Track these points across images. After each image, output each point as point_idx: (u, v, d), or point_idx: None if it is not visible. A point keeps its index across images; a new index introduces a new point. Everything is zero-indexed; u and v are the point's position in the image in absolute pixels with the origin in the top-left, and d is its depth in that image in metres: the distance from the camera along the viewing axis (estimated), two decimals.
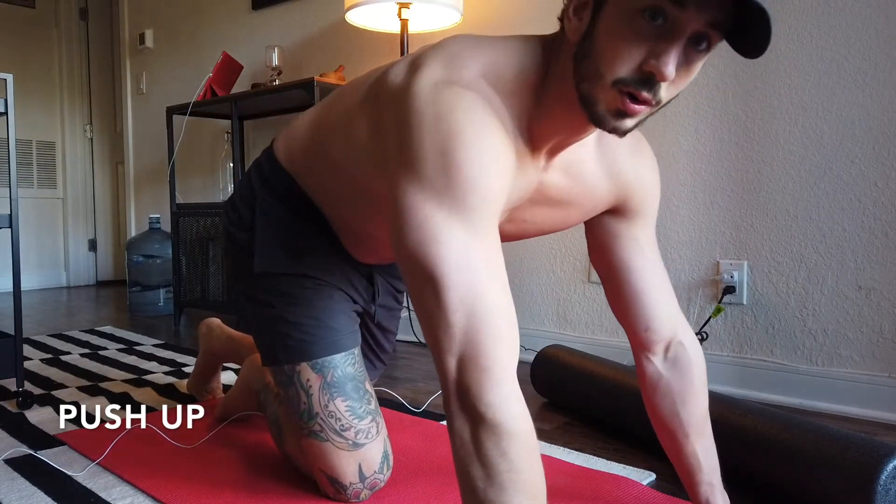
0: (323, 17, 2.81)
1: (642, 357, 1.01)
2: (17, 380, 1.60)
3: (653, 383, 1.00)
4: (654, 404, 1.01)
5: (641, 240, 0.99)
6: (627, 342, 1.97)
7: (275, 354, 1.10)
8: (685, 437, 0.98)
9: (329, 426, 1.06)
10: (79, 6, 4.39)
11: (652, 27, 0.68)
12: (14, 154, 1.60)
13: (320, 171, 1.05)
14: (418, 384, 1.88)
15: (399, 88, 0.80)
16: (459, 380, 0.71)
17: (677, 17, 0.68)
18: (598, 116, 0.74)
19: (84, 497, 1.12)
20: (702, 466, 0.98)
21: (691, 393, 0.99)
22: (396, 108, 0.79)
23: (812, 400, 1.66)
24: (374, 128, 0.87)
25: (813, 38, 1.67)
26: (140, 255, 3.24)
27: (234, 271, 1.19)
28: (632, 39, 0.69)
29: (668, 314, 0.99)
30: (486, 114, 0.75)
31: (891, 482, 0.98)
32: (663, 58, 0.68)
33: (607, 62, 0.71)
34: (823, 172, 1.66)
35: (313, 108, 1.12)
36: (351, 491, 1.06)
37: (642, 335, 0.99)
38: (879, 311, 1.60)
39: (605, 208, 0.98)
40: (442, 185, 0.72)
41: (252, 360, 1.42)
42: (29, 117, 4.18)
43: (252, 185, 1.14)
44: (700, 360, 1.01)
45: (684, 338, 1.00)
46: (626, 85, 0.71)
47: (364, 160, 0.93)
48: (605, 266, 1.01)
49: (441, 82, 0.76)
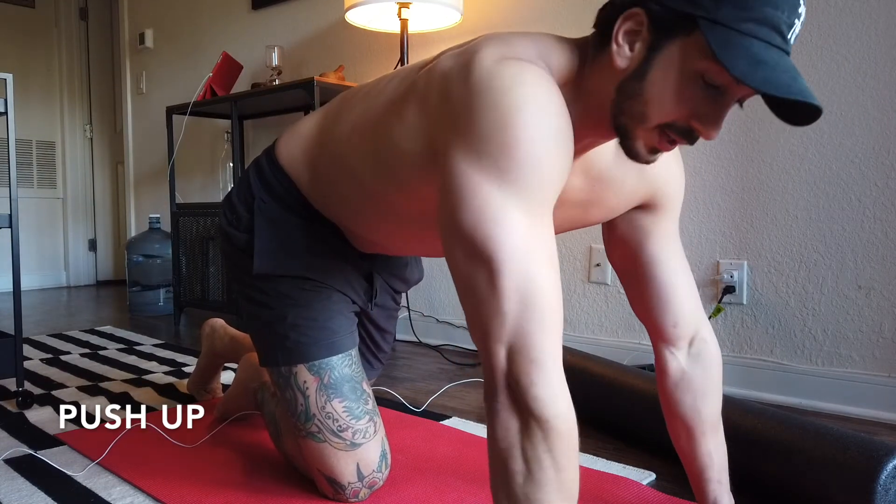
0: (323, 17, 2.81)
1: (666, 352, 0.99)
2: (17, 380, 1.60)
3: (675, 379, 0.98)
4: (675, 400, 0.98)
5: (670, 233, 0.98)
6: (628, 342, 1.98)
7: (273, 356, 1.10)
8: (702, 435, 0.97)
9: (326, 427, 1.06)
10: (79, 6, 4.39)
11: (707, 92, 0.70)
12: (14, 154, 1.60)
13: (328, 177, 1.05)
14: (418, 384, 1.88)
15: (457, 68, 0.76)
16: (509, 370, 0.69)
17: (732, 90, 0.70)
18: (633, 150, 0.76)
19: (84, 497, 1.12)
20: (714, 464, 0.97)
21: (711, 389, 0.98)
22: (455, 87, 0.75)
23: (812, 400, 1.66)
24: (417, 122, 0.83)
25: (813, 38, 1.67)
26: (140, 255, 3.24)
27: (232, 272, 1.19)
28: (687, 98, 0.71)
29: (694, 309, 0.98)
30: (552, 91, 0.73)
31: (891, 482, 0.98)
32: (713, 123, 0.71)
33: (656, 112, 0.72)
34: (823, 172, 1.66)
35: (318, 114, 1.12)
36: (350, 491, 1.06)
37: (670, 330, 0.97)
38: (879, 311, 1.60)
39: (635, 205, 0.96)
40: (504, 164, 0.69)
41: (248, 358, 1.42)
42: (29, 117, 4.18)
43: (251, 186, 1.14)
44: (719, 357, 1.00)
45: (707, 334, 0.99)
46: (670, 130, 0.73)
47: (393, 164, 0.89)
48: (631, 261, 0.98)
49: (504, 58, 0.73)
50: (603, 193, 0.91)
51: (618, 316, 2.02)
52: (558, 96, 0.73)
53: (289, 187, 1.10)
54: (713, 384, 0.98)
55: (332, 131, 1.04)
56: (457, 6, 2.13)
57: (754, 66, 0.65)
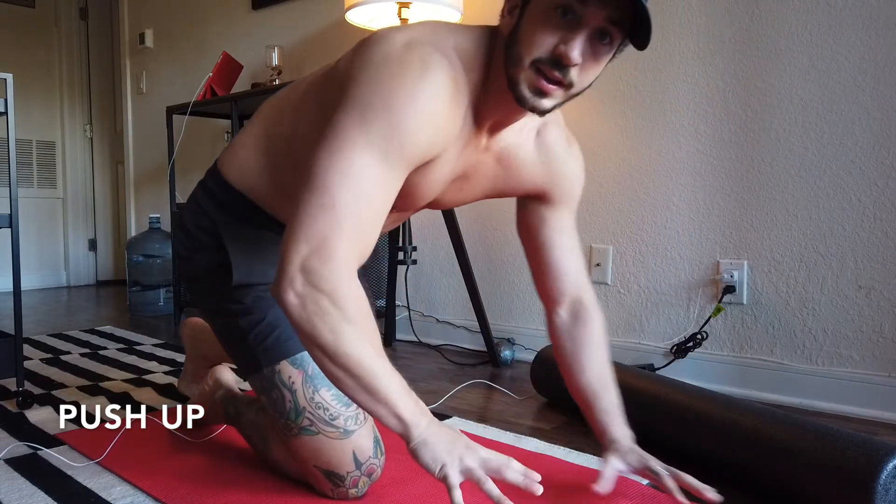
0: (323, 17, 2.81)
1: (552, 312, 1.20)
2: (18, 379, 1.60)
3: (558, 332, 1.20)
4: (559, 347, 1.20)
5: (564, 223, 1.17)
6: (628, 342, 1.98)
7: (254, 361, 1.10)
8: (581, 372, 1.16)
9: (318, 418, 1.06)
10: (79, 6, 4.39)
11: (562, 21, 0.84)
12: (14, 154, 1.60)
13: (283, 179, 1.08)
14: (418, 384, 1.88)
15: (376, 37, 0.91)
16: (304, 262, 0.82)
17: (582, 13, 0.84)
18: (520, 95, 0.88)
19: (84, 497, 1.12)
20: (598, 396, 1.14)
21: (589, 339, 1.18)
22: (368, 52, 0.89)
23: (812, 400, 1.66)
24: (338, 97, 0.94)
25: (813, 37, 1.67)
26: (140, 255, 3.24)
27: (200, 294, 1.20)
28: (546, 29, 0.85)
29: (577, 282, 1.18)
30: (447, 81, 0.88)
31: (891, 482, 0.98)
32: (570, 44, 0.84)
33: (526, 48, 0.87)
34: (823, 172, 1.66)
35: (253, 129, 1.14)
36: (349, 480, 1.07)
37: (555, 296, 1.19)
38: (879, 311, 1.60)
39: (532, 191, 1.12)
40: (379, 119, 0.84)
41: (212, 372, 1.42)
42: (29, 117, 4.18)
43: (207, 213, 1.16)
44: (599, 318, 1.19)
45: (588, 301, 1.19)
46: (542, 64, 0.86)
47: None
48: (532, 242, 1.18)
49: (417, 41, 0.89)
50: (509, 171, 1.08)
51: (618, 316, 2.02)
52: (452, 86, 0.88)
53: (245, 203, 1.13)
54: (591, 336, 1.18)
55: (278, 136, 1.09)
56: (457, 6, 2.13)
57: None
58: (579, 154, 1.16)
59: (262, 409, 1.18)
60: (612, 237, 2.03)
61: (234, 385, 1.39)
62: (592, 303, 1.20)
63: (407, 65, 0.86)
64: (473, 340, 2.32)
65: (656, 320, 1.94)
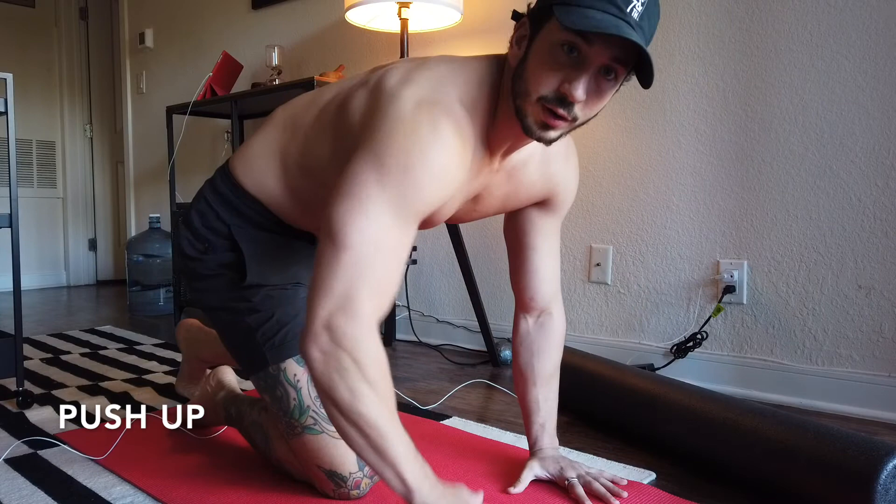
0: (323, 17, 2.81)
1: (520, 316, 1.24)
2: (17, 379, 1.60)
3: (521, 338, 1.24)
4: (518, 353, 1.24)
5: (551, 229, 1.20)
6: (627, 342, 1.98)
7: (260, 359, 1.11)
8: (533, 385, 1.21)
9: (322, 416, 1.07)
10: (79, 6, 4.39)
11: (567, 58, 0.86)
12: (14, 154, 1.60)
13: (303, 192, 1.10)
14: (418, 384, 1.88)
15: (388, 94, 0.94)
16: (329, 320, 0.84)
17: (587, 52, 0.84)
18: (528, 127, 0.91)
19: (84, 497, 1.12)
20: (540, 411, 1.20)
21: (546, 351, 1.22)
22: (383, 109, 0.93)
23: (812, 399, 1.66)
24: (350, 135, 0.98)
25: (813, 37, 1.67)
26: (140, 255, 3.24)
27: (205, 294, 1.19)
28: (553, 67, 0.87)
29: (550, 291, 1.22)
30: (454, 137, 0.91)
31: (891, 482, 0.98)
32: (575, 83, 0.85)
33: (534, 83, 0.88)
34: (823, 172, 1.66)
35: (267, 137, 1.15)
36: (352, 481, 1.07)
37: (527, 301, 1.22)
38: (879, 311, 1.60)
39: (533, 202, 1.16)
40: (395, 178, 0.86)
41: (214, 373, 1.42)
42: (29, 117, 4.17)
43: (219, 214, 1.16)
44: (561, 330, 1.24)
45: (556, 311, 1.24)
46: (548, 102, 0.87)
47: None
48: (517, 243, 1.21)
49: (425, 101, 0.91)
50: (515, 192, 1.11)
51: (618, 316, 2.02)
52: (458, 140, 0.91)
53: (260, 210, 1.14)
54: (550, 347, 1.23)
55: (293, 152, 1.11)
56: (457, 6, 2.13)
57: (580, 19, 0.81)
58: (576, 162, 1.18)
59: (265, 409, 1.18)
60: (612, 237, 2.03)
61: (236, 386, 1.39)
62: (559, 312, 1.24)
63: (417, 126, 0.89)
64: (473, 340, 2.32)
65: (656, 320, 1.94)
